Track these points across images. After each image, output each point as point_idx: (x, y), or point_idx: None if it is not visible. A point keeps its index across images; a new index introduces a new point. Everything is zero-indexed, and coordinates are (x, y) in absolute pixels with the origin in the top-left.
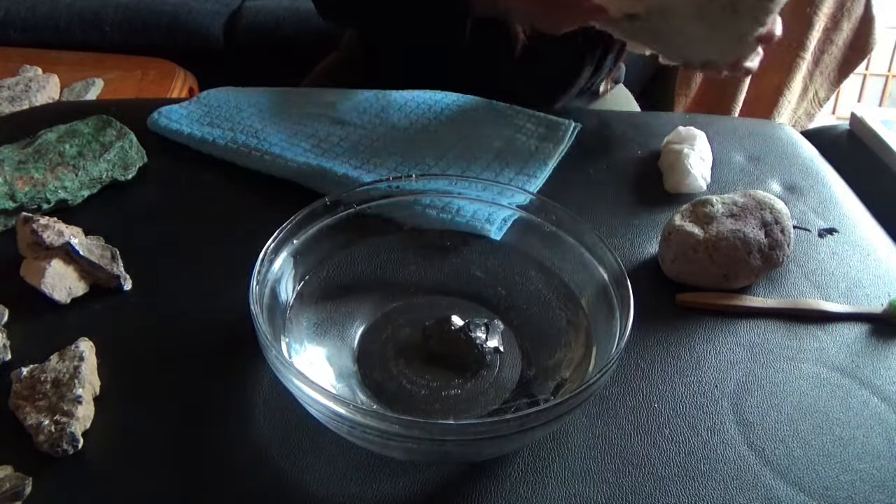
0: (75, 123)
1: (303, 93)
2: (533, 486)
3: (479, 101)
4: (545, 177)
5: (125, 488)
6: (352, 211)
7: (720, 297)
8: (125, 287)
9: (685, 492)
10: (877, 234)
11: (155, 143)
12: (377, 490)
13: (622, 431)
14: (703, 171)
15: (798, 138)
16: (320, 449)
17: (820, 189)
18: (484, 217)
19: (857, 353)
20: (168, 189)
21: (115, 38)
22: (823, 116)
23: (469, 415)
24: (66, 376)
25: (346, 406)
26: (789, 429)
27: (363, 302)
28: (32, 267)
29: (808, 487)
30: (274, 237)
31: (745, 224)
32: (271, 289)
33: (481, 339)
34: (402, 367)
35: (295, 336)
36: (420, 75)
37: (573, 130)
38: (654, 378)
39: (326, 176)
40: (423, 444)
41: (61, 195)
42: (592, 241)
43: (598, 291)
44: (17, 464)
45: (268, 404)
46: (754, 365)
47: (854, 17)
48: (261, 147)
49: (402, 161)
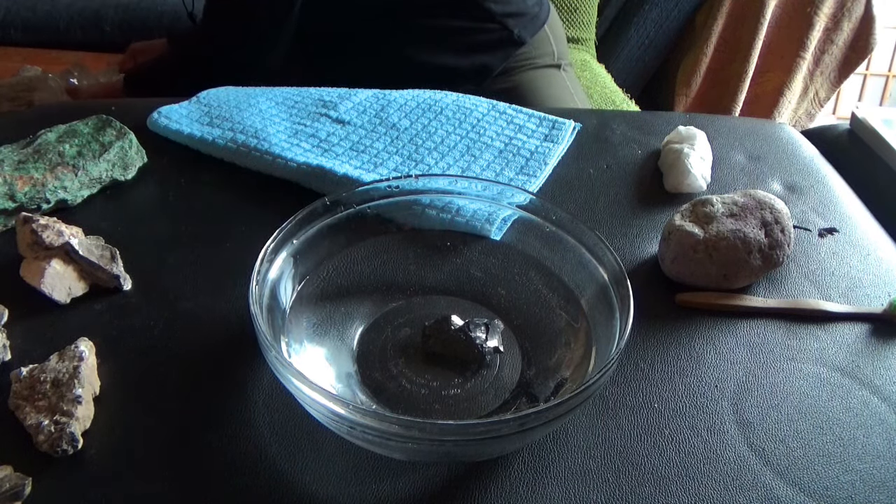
0: (75, 123)
1: (303, 92)
2: (533, 486)
3: (479, 101)
4: (545, 177)
5: (125, 488)
6: (352, 211)
7: (720, 297)
8: (125, 287)
9: (685, 492)
10: (877, 233)
11: (155, 143)
12: (377, 490)
13: (622, 431)
14: (703, 170)
15: (798, 138)
16: (320, 449)
17: (820, 189)
18: (484, 217)
19: (857, 353)
20: (168, 189)
21: (115, 38)
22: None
23: (469, 415)
24: (65, 376)
25: (345, 406)
26: (789, 429)
27: (363, 302)
28: (32, 267)
29: (808, 487)
30: (274, 237)
31: (746, 224)
32: (271, 289)
33: (481, 339)
34: (401, 367)
35: (294, 336)
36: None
37: (573, 130)
38: (654, 378)
39: (326, 176)
40: (423, 444)
41: (61, 195)
42: (592, 241)
43: (598, 291)
44: (16, 464)
45: (268, 404)
46: (754, 365)
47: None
48: (261, 147)
49: (402, 161)
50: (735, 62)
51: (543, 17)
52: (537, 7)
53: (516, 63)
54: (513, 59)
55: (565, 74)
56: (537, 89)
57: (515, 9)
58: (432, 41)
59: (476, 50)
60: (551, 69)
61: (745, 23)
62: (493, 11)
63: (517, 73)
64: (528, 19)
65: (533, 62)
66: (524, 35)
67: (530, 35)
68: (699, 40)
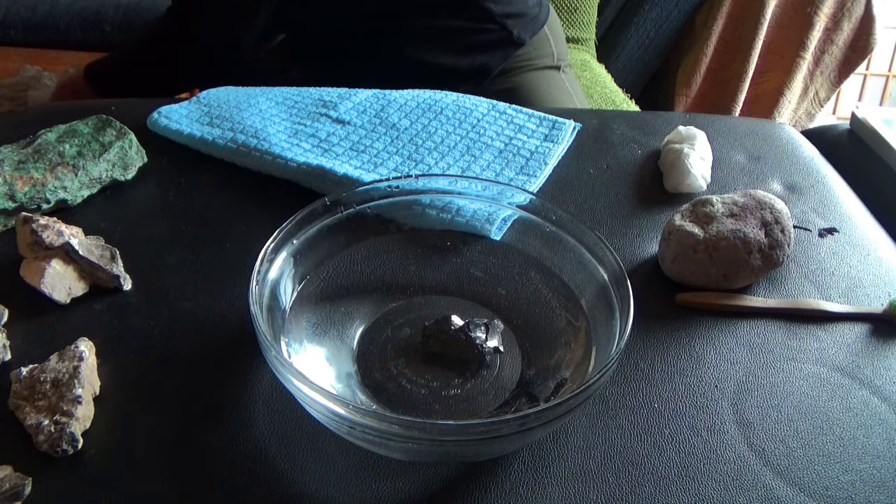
0: (75, 123)
1: (303, 92)
2: (533, 486)
3: (479, 101)
4: (545, 177)
5: (125, 488)
6: (352, 211)
7: (720, 297)
8: (125, 287)
9: (685, 492)
10: (877, 233)
11: (155, 143)
12: (377, 490)
13: (622, 431)
14: (703, 170)
15: (798, 138)
16: (320, 449)
17: (820, 189)
18: (484, 217)
19: (857, 353)
20: (168, 189)
21: (115, 38)
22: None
23: (469, 415)
24: (65, 376)
25: (345, 406)
26: (789, 429)
27: (363, 302)
28: (32, 267)
29: (808, 487)
30: (274, 237)
31: (746, 224)
32: (271, 289)
33: (481, 339)
34: (401, 367)
35: (294, 336)
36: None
37: (573, 130)
38: (654, 378)
39: (326, 176)
40: (422, 444)
41: (61, 195)
42: (592, 241)
43: (598, 291)
44: (16, 464)
45: (268, 404)
46: (754, 365)
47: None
48: (261, 147)
49: (402, 161)
50: (735, 62)
51: (543, 18)
52: (537, 8)
53: (516, 64)
54: (512, 60)
55: (564, 76)
56: (536, 90)
57: (515, 9)
58: (432, 41)
59: (475, 50)
60: (551, 70)
61: (745, 23)
62: (493, 12)
63: (516, 74)
64: (527, 20)
65: (532, 63)
66: (524, 36)
67: (530, 36)
68: (699, 40)
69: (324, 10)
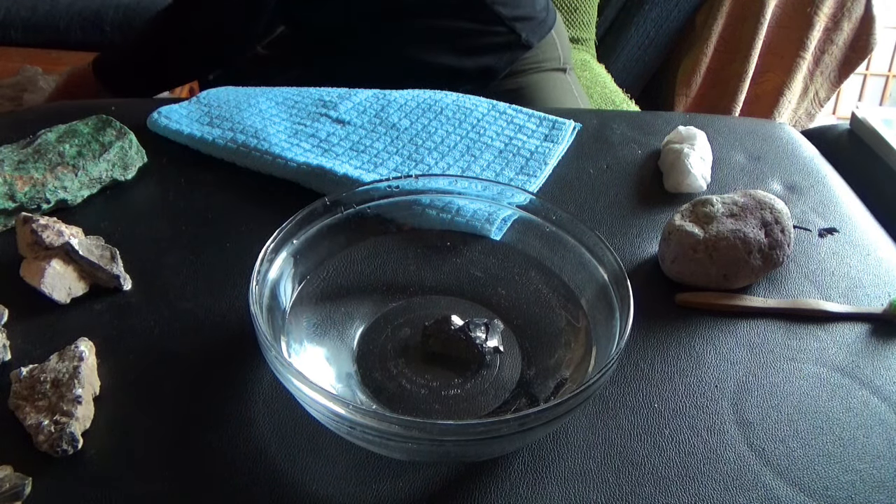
0: (75, 123)
1: (303, 92)
2: (533, 486)
3: (479, 101)
4: (545, 177)
5: (125, 488)
6: (352, 211)
7: (720, 297)
8: (125, 287)
9: (685, 492)
10: (877, 233)
11: (155, 143)
12: (377, 490)
13: (622, 431)
14: (703, 170)
15: (798, 138)
16: (320, 449)
17: (820, 189)
18: (484, 217)
19: (857, 353)
20: (168, 189)
21: (115, 38)
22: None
23: (469, 415)
24: (65, 376)
25: (345, 406)
26: (789, 429)
27: (363, 302)
28: (32, 267)
29: (808, 487)
30: (274, 237)
31: (745, 224)
32: (271, 289)
33: (481, 339)
34: (401, 367)
35: (295, 336)
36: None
37: (573, 130)
38: (654, 378)
39: (326, 176)
40: (422, 444)
41: (61, 195)
42: (592, 241)
43: (598, 291)
44: (16, 464)
45: (268, 404)
46: (754, 365)
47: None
48: (261, 147)
49: (402, 161)
50: (735, 62)
51: (550, 22)
52: (545, 12)
53: (522, 66)
54: (519, 63)
55: (570, 78)
56: (542, 91)
57: (524, 13)
58: (435, 41)
59: (482, 52)
60: (557, 73)
61: (745, 23)
62: (502, 15)
63: (523, 76)
64: (536, 24)
65: (539, 66)
66: (532, 39)
67: (538, 39)
68: (699, 40)
69: (326, 5)
